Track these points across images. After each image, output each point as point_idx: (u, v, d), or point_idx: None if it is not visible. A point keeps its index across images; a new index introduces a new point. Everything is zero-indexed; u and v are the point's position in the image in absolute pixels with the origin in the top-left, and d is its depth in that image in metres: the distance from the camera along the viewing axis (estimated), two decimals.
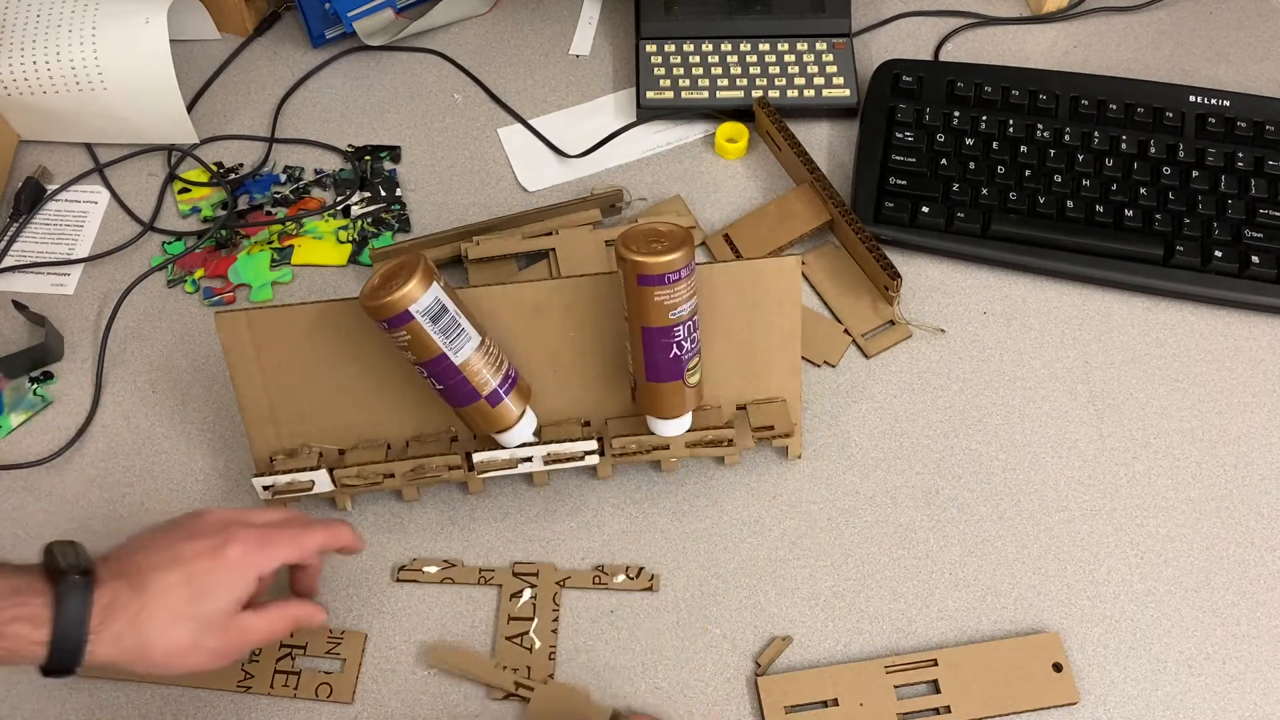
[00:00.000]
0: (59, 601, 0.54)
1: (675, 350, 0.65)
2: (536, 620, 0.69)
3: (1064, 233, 0.81)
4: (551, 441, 0.70)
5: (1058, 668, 0.67)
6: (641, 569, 0.71)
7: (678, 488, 0.74)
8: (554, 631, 0.69)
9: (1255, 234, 0.81)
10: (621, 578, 0.70)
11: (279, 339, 0.69)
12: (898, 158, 0.85)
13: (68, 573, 0.55)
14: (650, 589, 0.70)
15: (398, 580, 0.71)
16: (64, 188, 0.88)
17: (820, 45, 0.92)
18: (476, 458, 0.70)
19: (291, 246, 0.85)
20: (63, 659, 0.54)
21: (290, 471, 0.70)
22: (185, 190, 0.88)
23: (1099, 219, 0.82)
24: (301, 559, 0.63)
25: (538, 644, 0.68)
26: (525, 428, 0.69)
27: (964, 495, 0.74)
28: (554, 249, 0.81)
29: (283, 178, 0.89)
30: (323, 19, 0.94)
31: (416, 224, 0.86)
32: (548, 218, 0.83)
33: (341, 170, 0.89)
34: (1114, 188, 0.83)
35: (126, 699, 0.67)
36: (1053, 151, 0.84)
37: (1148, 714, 0.66)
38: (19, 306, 0.81)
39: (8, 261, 0.84)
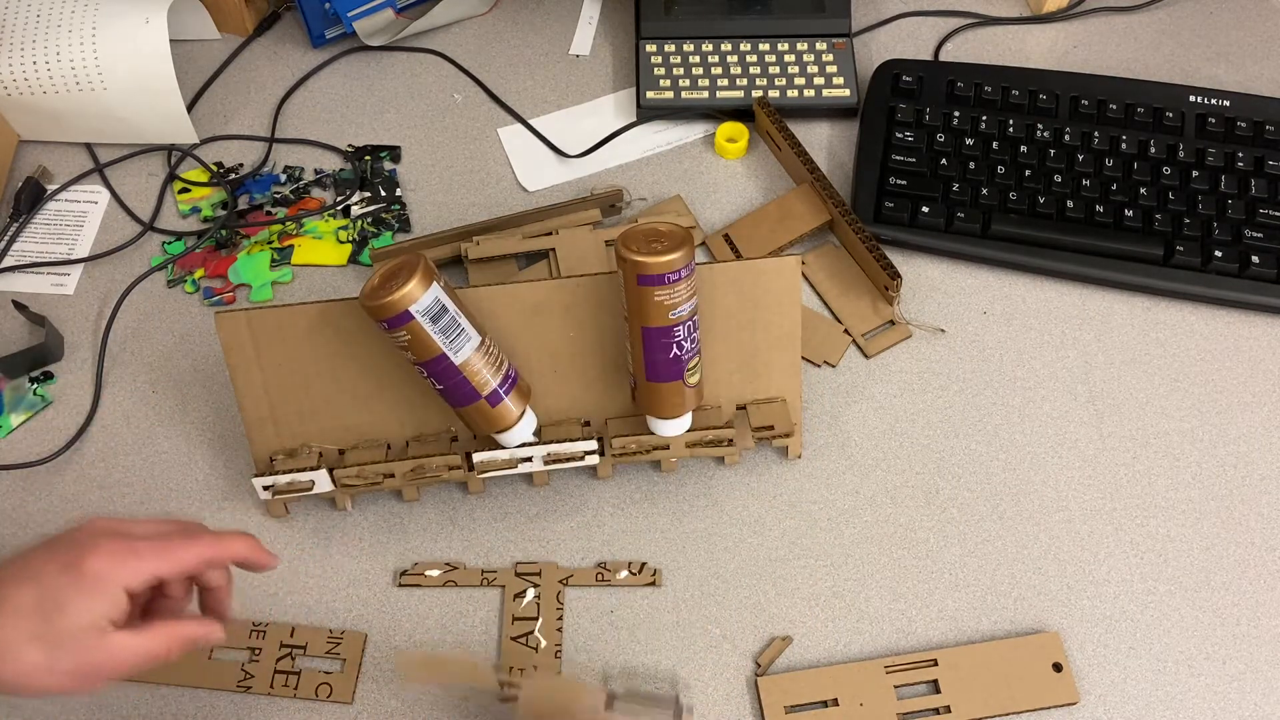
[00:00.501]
0: None
1: (675, 350, 0.65)
2: (541, 620, 0.69)
3: (1064, 233, 0.81)
4: (551, 441, 0.70)
5: (1058, 668, 0.67)
6: (644, 564, 0.71)
7: (678, 488, 0.74)
8: (559, 630, 0.69)
9: (1255, 234, 0.81)
10: (624, 574, 0.70)
11: (279, 339, 0.69)
12: (898, 158, 0.85)
13: None
14: (653, 584, 0.70)
15: (400, 585, 0.71)
16: (64, 188, 0.88)
17: (820, 45, 0.92)
18: (476, 458, 0.70)
19: (291, 246, 0.85)
20: None
21: (290, 471, 0.70)
22: (185, 190, 0.88)
23: (1099, 219, 0.82)
24: (176, 573, 0.57)
25: (544, 643, 0.68)
26: (525, 428, 0.69)
27: (964, 495, 0.74)
28: (554, 249, 0.81)
29: (283, 178, 0.89)
30: (323, 19, 0.94)
31: (416, 224, 0.86)
32: (548, 218, 0.83)
33: (341, 170, 0.89)
34: (1114, 188, 0.83)
35: (127, 699, 0.67)
36: (1053, 151, 0.84)
37: (1148, 714, 0.66)
38: (19, 306, 0.81)
39: (8, 261, 0.84)
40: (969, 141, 0.85)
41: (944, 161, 0.84)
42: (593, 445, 0.71)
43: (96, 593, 0.53)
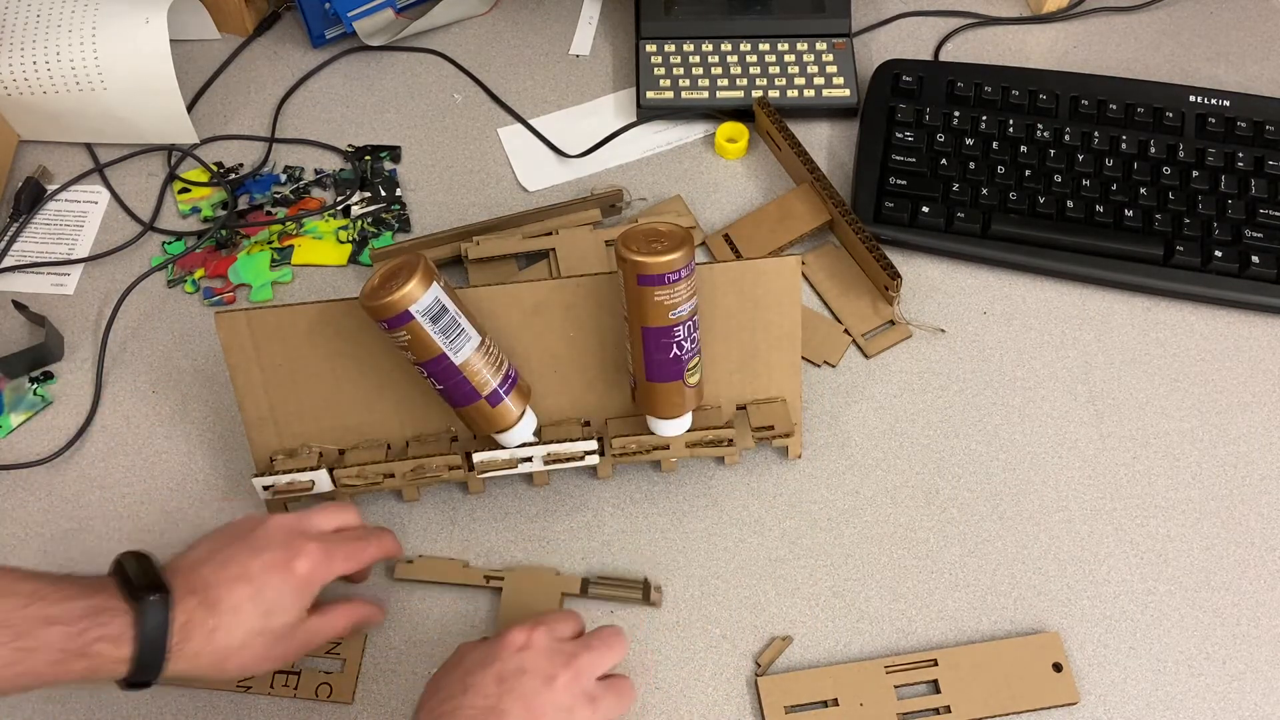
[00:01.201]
0: (140, 622, 0.55)
1: (675, 350, 0.65)
2: None
3: (1064, 233, 0.81)
4: (551, 441, 0.70)
5: (1058, 668, 0.67)
6: (644, 581, 0.70)
7: (678, 488, 0.74)
8: None
9: (1255, 234, 0.81)
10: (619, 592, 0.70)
11: (279, 339, 0.69)
12: (898, 158, 0.85)
13: (145, 591, 0.56)
14: (653, 604, 0.70)
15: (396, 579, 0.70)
16: (64, 188, 0.88)
17: (820, 45, 0.92)
18: (476, 458, 0.70)
19: (291, 246, 0.85)
20: (143, 675, 0.56)
21: (290, 471, 0.70)
22: (185, 190, 0.88)
23: (1099, 219, 0.82)
24: (357, 569, 0.65)
25: None
26: (525, 428, 0.69)
27: (964, 495, 0.74)
28: (554, 249, 0.81)
29: (283, 178, 0.89)
30: (323, 19, 0.94)
31: (416, 224, 0.86)
32: (548, 218, 0.83)
33: (341, 170, 0.89)
34: (1114, 188, 0.83)
35: (126, 699, 0.67)
36: (1053, 151, 0.84)
37: (1148, 714, 0.66)
38: (19, 306, 0.81)
39: (8, 261, 0.84)
40: (969, 141, 0.85)
41: (944, 161, 0.84)
42: (593, 445, 0.71)
43: (304, 593, 0.61)
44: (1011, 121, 0.86)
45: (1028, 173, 0.84)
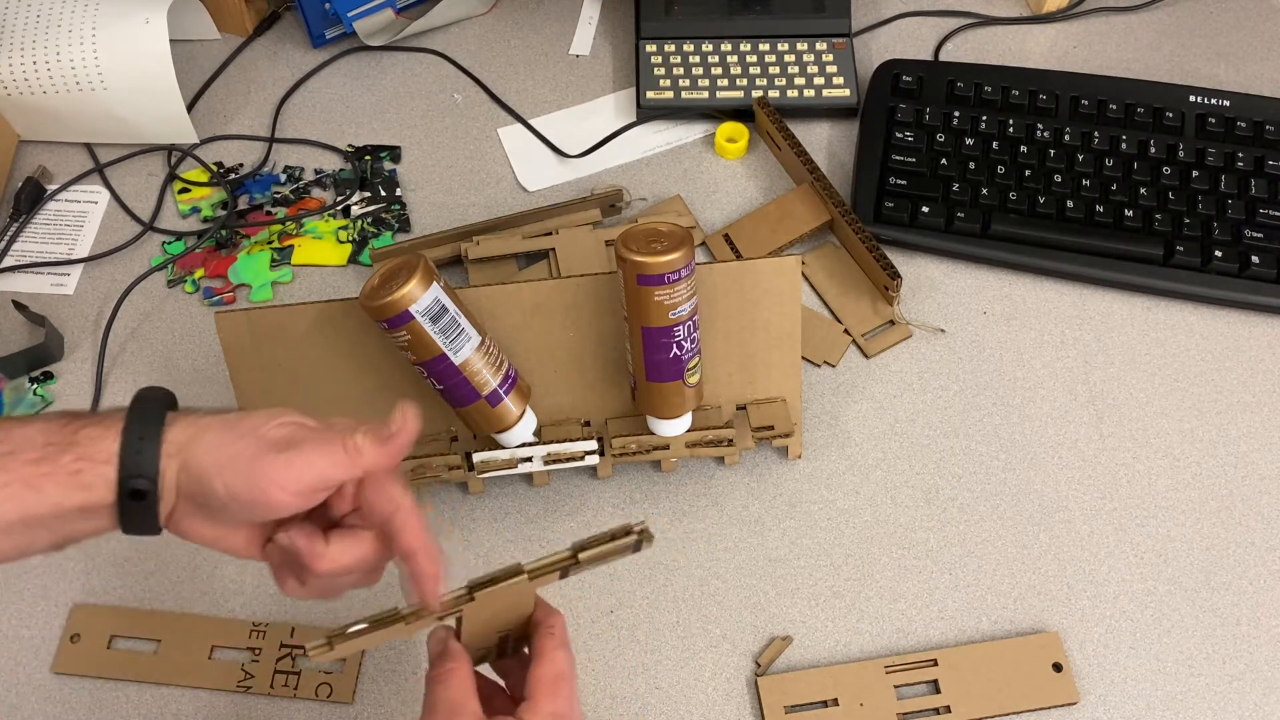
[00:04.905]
0: (130, 411, 0.50)
1: (675, 350, 0.66)
2: None
3: (1064, 233, 0.81)
4: (551, 441, 0.70)
5: (1058, 668, 0.67)
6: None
7: (678, 488, 0.74)
8: None
9: (1255, 234, 0.81)
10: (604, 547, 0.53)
11: (279, 339, 0.69)
12: (898, 158, 0.85)
13: (147, 395, 0.52)
14: (637, 545, 0.53)
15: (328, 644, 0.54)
16: (64, 188, 0.88)
17: (820, 45, 0.92)
18: (476, 458, 0.70)
19: (291, 246, 0.85)
20: (136, 467, 0.49)
21: None
22: (185, 190, 0.88)
23: (1099, 219, 0.82)
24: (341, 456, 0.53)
25: None
26: (525, 428, 0.69)
27: (964, 495, 0.74)
28: (554, 249, 0.81)
29: (283, 178, 0.89)
30: (323, 19, 0.94)
31: (416, 224, 0.86)
32: (548, 218, 0.83)
33: (341, 170, 0.89)
34: (1114, 188, 0.83)
35: (126, 699, 0.67)
36: (1053, 151, 0.84)
37: (1148, 714, 0.66)
38: (19, 306, 0.81)
39: (8, 261, 0.84)
40: (969, 141, 0.85)
41: (944, 161, 0.84)
42: (593, 445, 0.71)
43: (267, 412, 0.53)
44: (1011, 121, 0.86)
45: (1028, 173, 0.84)
